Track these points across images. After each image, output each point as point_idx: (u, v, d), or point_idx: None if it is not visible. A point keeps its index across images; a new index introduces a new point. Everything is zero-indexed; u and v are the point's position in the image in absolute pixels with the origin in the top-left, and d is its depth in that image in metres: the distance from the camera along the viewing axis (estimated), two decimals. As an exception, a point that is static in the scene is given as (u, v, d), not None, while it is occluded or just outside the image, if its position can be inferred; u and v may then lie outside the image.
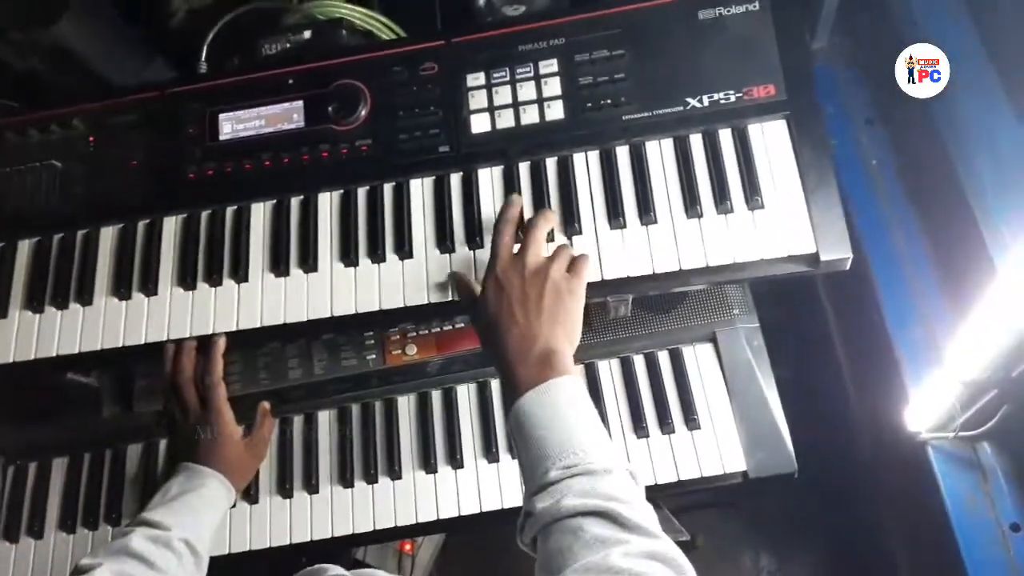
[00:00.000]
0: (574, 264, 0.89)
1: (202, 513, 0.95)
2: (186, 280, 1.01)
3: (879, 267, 1.23)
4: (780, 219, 0.93)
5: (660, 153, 0.98)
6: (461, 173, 1.01)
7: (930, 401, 1.14)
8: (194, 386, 1.01)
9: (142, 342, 1.00)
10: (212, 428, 1.00)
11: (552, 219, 0.93)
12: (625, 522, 0.67)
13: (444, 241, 0.98)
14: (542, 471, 0.73)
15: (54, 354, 1.01)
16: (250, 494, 1.10)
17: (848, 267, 0.93)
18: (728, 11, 0.98)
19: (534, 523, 0.72)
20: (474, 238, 0.98)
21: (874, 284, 1.24)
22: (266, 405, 1.09)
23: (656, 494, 1.16)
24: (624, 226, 0.96)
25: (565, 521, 0.69)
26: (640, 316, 1.14)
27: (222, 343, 1.00)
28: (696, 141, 0.98)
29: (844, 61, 1.31)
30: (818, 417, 1.41)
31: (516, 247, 0.90)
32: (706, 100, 0.97)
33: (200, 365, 1.01)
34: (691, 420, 1.08)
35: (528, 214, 0.97)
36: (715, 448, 1.07)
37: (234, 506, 1.08)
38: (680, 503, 1.42)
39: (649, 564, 0.63)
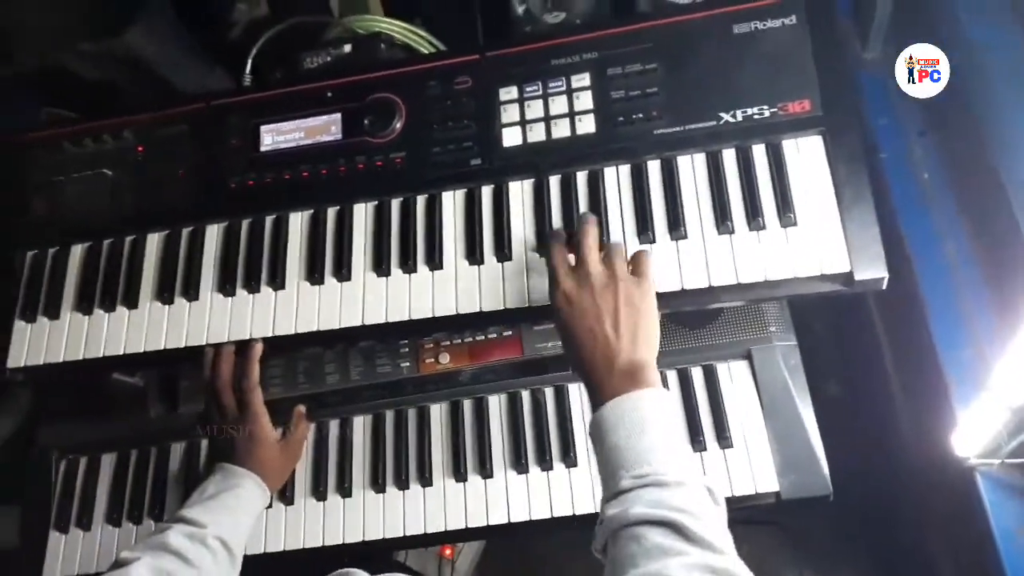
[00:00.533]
0: (636, 263, 0.89)
1: (237, 512, 0.97)
2: (226, 287, 1.04)
3: (928, 285, 1.19)
4: (814, 237, 0.91)
5: (692, 168, 0.97)
6: (492, 186, 1.02)
7: (979, 425, 1.09)
8: (231, 390, 1.04)
9: (183, 345, 1.03)
10: (248, 430, 1.02)
11: (596, 223, 0.92)
12: (690, 535, 0.67)
13: (474, 253, 0.99)
14: (616, 479, 0.74)
15: (101, 355, 1.05)
16: (286, 496, 1.13)
17: (884, 287, 0.91)
18: (764, 25, 0.96)
19: (604, 529, 0.72)
20: (503, 250, 0.98)
21: (923, 302, 1.20)
22: (302, 409, 1.12)
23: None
24: (653, 241, 0.95)
25: (631, 528, 0.69)
26: (674, 331, 1.13)
27: (259, 348, 1.03)
28: (729, 156, 0.96)
29: (894, 72, 1.27)
30: (864, 437, 1.37)
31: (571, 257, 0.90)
32: (740, 115, 0.95)
33: (238, 369, 1.04)
34: (723, 438, 1.06)
35: (558, 227, 0.97)
36: (747, 467, 1.05)
37: (270, 507, 1.12)
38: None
39: None
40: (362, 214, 1.05)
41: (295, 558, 1.12)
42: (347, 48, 1.14)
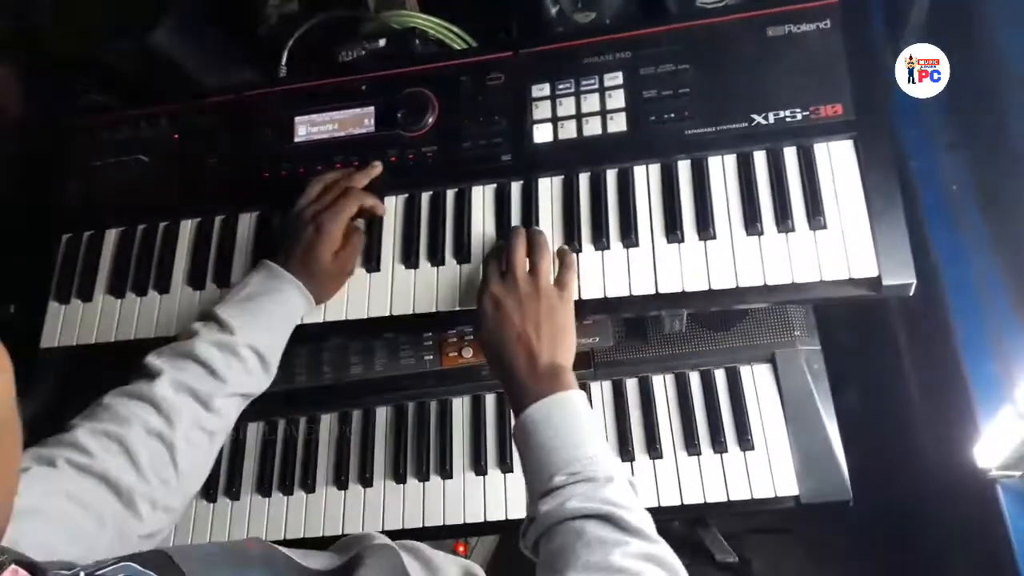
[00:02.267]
0: (560, 275, 0.93)
1: (275, 318, 0.94)
2: (257, 274, 1.05)
3: (955, 295, 1.18)
4: (843, 241, 0.91)
5: (722, 169, 0.98)
6: (522, 182, 1.02)
7: (1001, 438, 1.09)
8: (335, 189, 1.00)
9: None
10: (321, 223, 0.96)
11: (524, 236, 0.95)
12: (626, 525, 0.71)
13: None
14: (547, 476, 0.77)
15: (132, 337, 1.07)
16: (307, 483, 1.14)
17: (911, 293, 0.90)
18: (798, 29, 0.96)
19: (538, 526, 0.76)
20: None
21: (949, 312, 1.19)
22: (358, 223, 1.04)
23: (705, 513, 1.16)
24: (682, 240, 0.95)
25: (568, 523, 0.72)
26: (698, 332, 1.13)
27: (378, 167, 1.04)
28: (760, 158, 0.97)
29: (927, 81, 1.27)
30: (884, 445, 1.36)
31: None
32: (771, 117, 0.96)
33: (351, 177, 1.02)
34: (744, 440, 1.07)
35: (585, 226, 0.98)
36: (767, 470, 1.05)
37: (291, 493, 1.13)
38: (735, 527, 1.39)
39: (647, 565, 0.67)
40: (392, 206, 1.06)
41: (315, 545, 1.13)
42: (382, 42, 1.15)
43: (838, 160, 0.94)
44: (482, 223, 1.02)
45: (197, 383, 0.85)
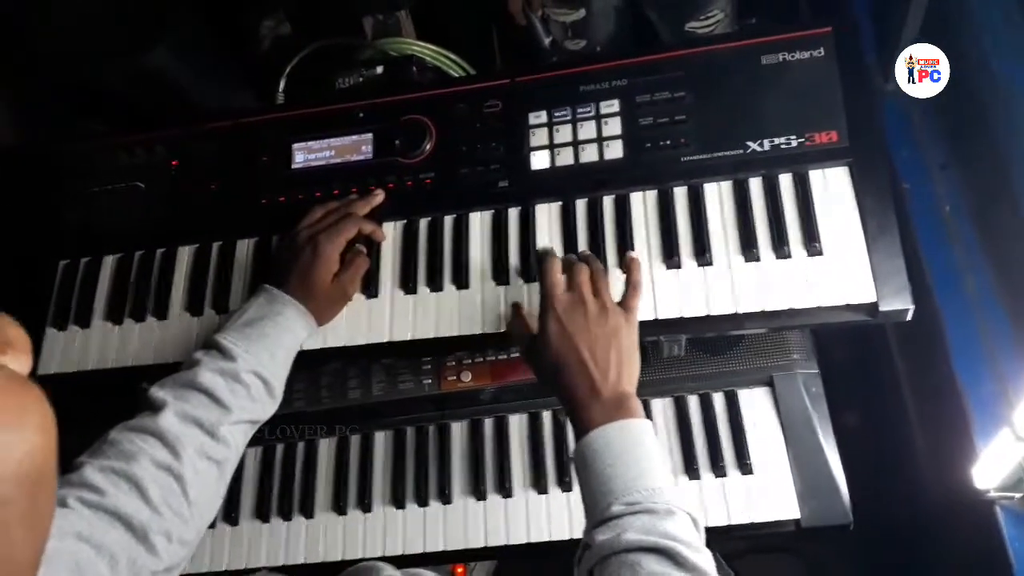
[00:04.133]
0: (626, 299, 0.91)
1: (276, 342, 0.93)
2: (254, 301, 1.05)
3: (950, 318, 1.19)
4: (839, 267, 0.92)
5: (719, 195, 0.98)
6: (519, 208, 1.03)
7: (999, 459, 1.09)
8: (335, 214, 1.01)
9: (211, 358, 1.05)
10: (319, 244, 0.96)
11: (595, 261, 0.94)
12: (683, 562, 0.68)
13: (500, 274, 1.00)
14: (605, 505, 0.75)
15: (129, 364, 1.06)
16: (305, 509, 1.14)
17: (909, 318, 0.91)
18: (792, 57, 0.97)
19: (592, 555, 0.73)
20: (529, 272, 0.99)
21: (945, 335, 1.19)
22: (361, 247, 1.03)
23: (706, 538, 1.15)
24: (679, 266, 0.96)
25: (624, 555, 0.70)
26: (696, 356, 1.14)
27: (380, 196, 1.04)
28: (755, 185, 0.97)
29: (920, 104, 1.28)
30: (882, 467, 1.36)
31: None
32: (767, 144, 0.96)
33: (352, 204, 1.02)
34: (744, 464, 1.07)
35: (583, 251, 0.98)
36: (768, 494, 1.06)
37: (289, 518, 1.13)
38: (735, 547, 1.39)
39: None
40: (391, 232, 1.06)
41: (314, 571, 1.13)
42: (379, 69, 1.16)
43: (833, 186, 0.95)
44: (479, 249, 1.03)
45: (202, 412, 0.85)
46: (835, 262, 0.92)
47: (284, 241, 1.01)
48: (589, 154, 1.01)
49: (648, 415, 1.11)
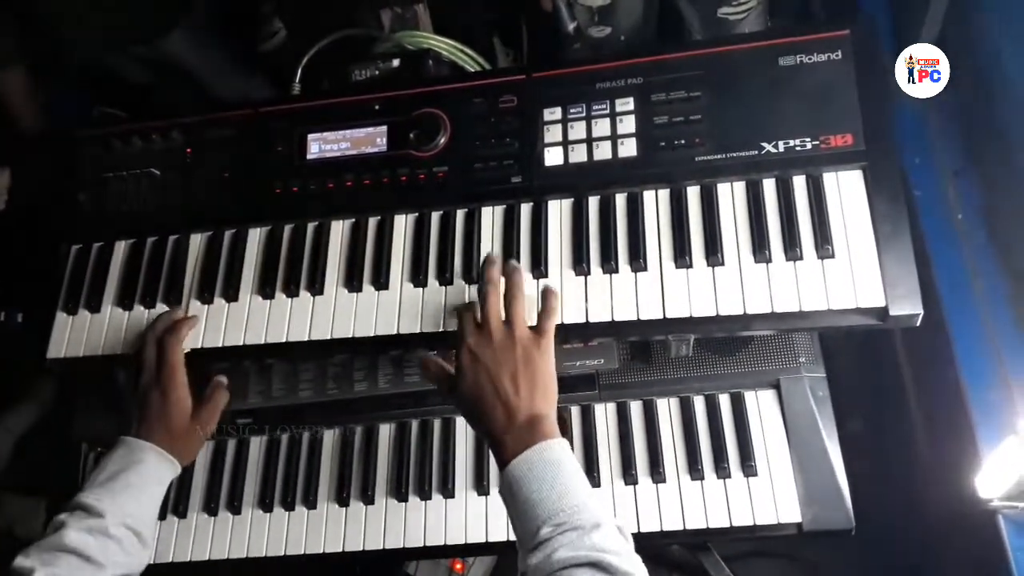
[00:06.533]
0: (540, 321, 0.93)
1: (141, 491, 0.93)
2: (265, 289, 1.06)
3: (958, 325, 1.19)
4: (850, 270, 0.92)
5: (732, 195, 0.98)
6: (531, 204, 1.03)
7: (1004, 468, 1.09)
8: (156, 345, 1.02)
9: (220, 345, 1.05)
10: (162, 387, 0.99)
11: (498, 287, 0.95)
12: (614, 571, 0.71)
13: (510, 269, 1.00)
14: (533, 530, 0.77)
15: (140, 351, 1.07)
16: (308, 500, 1.14)
17: (918, 323, 0.91)
18: (810, 59, 0.98)
19: None
20: (539, 267, 0.99)
21: (952, 342, 1.19)
22: (222, 379, 1.08)
23: (707, 538, 1.15)
24: (690, 266, 0.96)
25: (558, 573, 0.72)
26: (703, 357, 1.14)
27: (195, 320, 1.04)
28: (769, 186, 0.98)
29: (934, 110, 1.28)
30: (886, 473, 1.36)
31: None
32: (781, 146, 0.96)
33: (167, 325, 1.03)
34: (748, 466, 1.07)
35: (594, 249, 0.99)
36: (771, 497, 1.05)
37: (292, 509, 1.13)
38: (736, 550, 1.39)
39: None
40: (402, 225, 1.06)
41: (312, 563, 1.13)
42: (396, 62, 1.16)
43: (847, 190, 0.95)
44: (491, 243, 1.03)
45: (74, 574, 0.83)
46: (846, 265, 0.92)
47: (127, 385, 1.03)
48: (603, 151, 1.01)
49: (653, 416, 1.12)
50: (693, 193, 0.99)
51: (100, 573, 0.85)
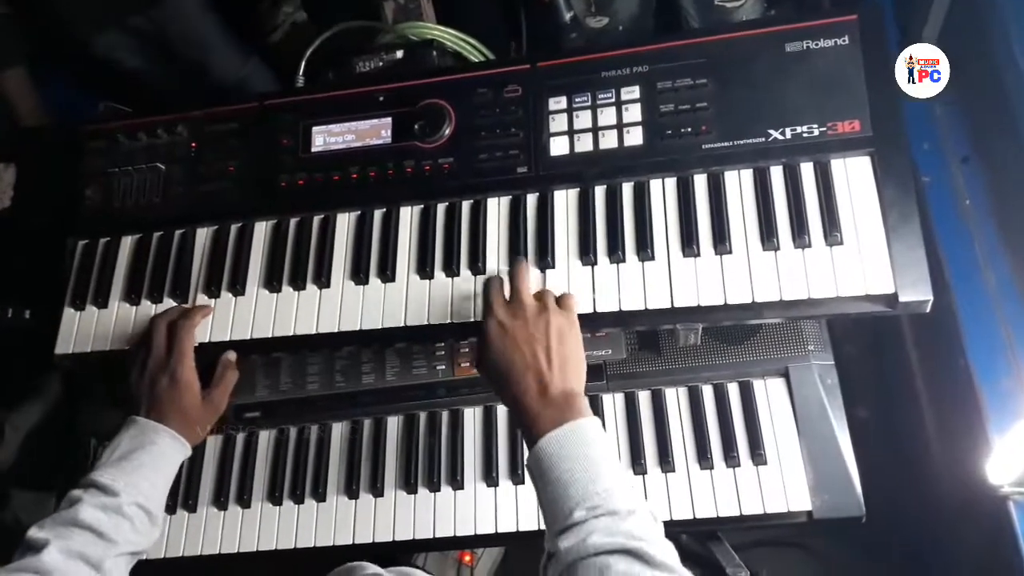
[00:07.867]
0: (563, 300, 0.92)
1: (154, 471, 0.94)
2: (272, 283, 1.06)
3: (967, 312, 1.18)
4: (859, 257, 0.92)
5: (739, 183, 0.98)
6: (537, 194, 1.03)
7: (1014, 454, 1.09)
8: (167, 329, 1.03)
9: (227, 339, 1.05)
10: (172, 371, 0.99)
11: (527, 266, 0.96)
12: (650, 559, 0.69)
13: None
14: (566, 512, 0.75)
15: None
16: (318, 492, 1.14)
17: (928, 310, 0.90)
18: (816, 45, 0.97)
19: (558, 562, 0.73)
20: (546, 257, 0.99)
21: (961, 329, 1.19)
22: (231, 356, 1.08)
23: (718, 527, 1.15)
24: (698, 254, 0.96)
25: (592, 559, 0.71)
26: (712, 346, 1.13)
27: (209, 308, 1.05)
28: (776, 173, 0.97)
29: (941, 96, 1.27)
30: (895, 460, 1.36)
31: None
32: (789, 133, 0.96)
33: (179, 313, 1.04)
34: (757, 455, 1.07)
35: (601, 239, 0.98)
36: (780, 485, 1.05)
37: (302, 502, 1.13)
38: (745, 539, 1.39)
39: None
40: (408, 217, 1.06)
41: (322, 555, 1.13)
42: (399, 54, 1.16)
43: (855, 176, 0.95)
44: (497, 234, 1.03)
45: (87, 548, 0.84)
46: (855, 252, 0.92)
47: (131, 367, 1.02)
48: (609, 140, 1.01)
49: (662, 405, 1.11)
50: (700, 181, 0.99)
51: (111, 549, 0.86)
